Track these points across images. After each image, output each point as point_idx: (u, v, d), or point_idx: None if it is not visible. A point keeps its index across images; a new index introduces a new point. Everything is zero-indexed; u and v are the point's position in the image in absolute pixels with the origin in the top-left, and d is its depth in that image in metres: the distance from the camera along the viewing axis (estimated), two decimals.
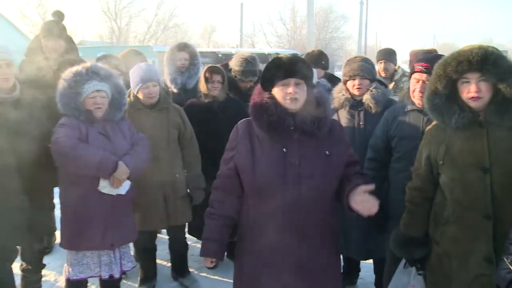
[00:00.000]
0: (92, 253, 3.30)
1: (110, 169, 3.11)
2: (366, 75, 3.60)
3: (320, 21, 40.72)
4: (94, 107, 3.19)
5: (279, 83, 2.35)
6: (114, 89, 3.31)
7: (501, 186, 2.29)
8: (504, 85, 2.26)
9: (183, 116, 3.99)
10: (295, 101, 2.33)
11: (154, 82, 3.77)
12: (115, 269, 3.34)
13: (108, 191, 3.19)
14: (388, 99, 3.64)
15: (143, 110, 3.81)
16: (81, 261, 3.29)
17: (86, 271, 3.30)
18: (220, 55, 17.42)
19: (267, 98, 2.38)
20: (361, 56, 3.80)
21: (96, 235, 3.20)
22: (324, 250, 2.43)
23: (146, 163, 3.42)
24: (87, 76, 3.18)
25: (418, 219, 2.65)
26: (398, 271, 2.91)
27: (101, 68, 3.30)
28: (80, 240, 3.21)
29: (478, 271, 2.35)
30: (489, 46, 2.34)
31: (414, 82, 3.09)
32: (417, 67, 3.07)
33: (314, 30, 22.27)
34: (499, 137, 2.31)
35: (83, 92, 3.17)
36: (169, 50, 5.17)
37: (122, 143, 3.31)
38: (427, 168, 2.56)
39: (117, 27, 41.98)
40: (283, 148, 2.34)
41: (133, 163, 3.25)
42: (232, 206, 2.49)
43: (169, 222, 3.91)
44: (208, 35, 53.03)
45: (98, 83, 3.20)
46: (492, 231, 2.32)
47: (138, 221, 3.83)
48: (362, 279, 4.25)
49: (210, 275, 4.48)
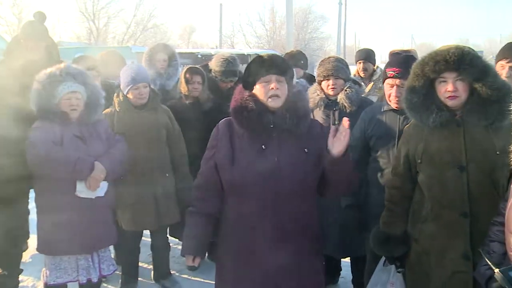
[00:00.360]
0: (69, 257, 3.25)
1: (87, 170, 3.08)
2: (340, 75, 3.63)
3: (299, 22, 40.79)
4: (69, 109, 3.15)
5: (261, 79, 2.35)
6: (89, 90, 3.27)
7: (477, 184, 2.33)
8: (480, 84, 2.30)
9: (171, 117, 4.00)
10: (277, 98, 2.34)
11: (145, 83, 3.78)
12: (93, 273, 3.29)
13: (86, 195, 3.14)
14: (362, 98, 3.69)
15: (133, 110, 3.81)
16: (58, 265, 3.24)
17: (64, 276, 3.25)
18: (200, 56, 17.31)
19: (247, 96, 2.39)
20: (335, 56, 3.84)
21: (72, 239, 3.15)
22: (305, 248, 2.43)
23: (122, 165, 3.39)
24: (61, 77, 3.14)
25: (397, 217, 2.68)
26: (377, 269, 2.93)
27: (76, 69, 3.26)
28: (57, 244, 3.17)
29: (455, 268, 2.39)
30: (466, 46, 2.39)
31: (388, 87, 3.11)
32: (389, 73, 3.09)
33: (293, 30, 22.33)
34: (475, 136, 2.35)
35: (58, 94, 3.13)
36: (147, 51, 5.14)
37: (98, 146, 3.27)
38: (406, 167, 2.59)
39: (95, 27, 41.41)
40: (262, 145, 2.34)
41: (109, 164, 3.21)
42: (213, 204, 2.49)
43: (160, 222, 3.90)
44: (187, 35, 52.74)
45: (72, 84, 3.16)
46: (469, 229, 2.36)
47: (127, 222, 3.86)
48: (343, 278, 4.27)
49: (191, 277, 4.46)
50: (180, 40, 50.55)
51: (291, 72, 2.45)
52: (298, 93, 2.48)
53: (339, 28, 32.99)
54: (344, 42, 34.20)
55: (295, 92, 2.46)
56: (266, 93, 2.34)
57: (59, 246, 3.18)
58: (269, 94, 2.33)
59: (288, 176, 2.31)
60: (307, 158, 2.37)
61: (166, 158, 3.94)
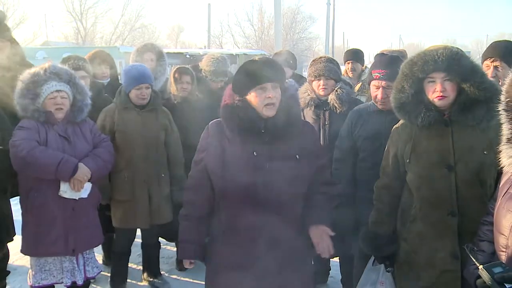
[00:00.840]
0: (54, 259, 3.22)
1: (70, 171, 3.04)
2: (331, 75, 3.64)
3: (288, 22, 40.85)
4: (54, 108, 3.13)
5: (257, 87, 2.31)
6: (75, 89, 3.24)
7: (465, 183, 2.35)
8: (468, 84, 2.31)
9: (170, 119, 4.01)
10: (272, 106, 2.31)
11: (148, 84, 3.78)
12: (78, 275, 3.26)
13: (70, 195, 3.12)
14: (352, 99, 3.69)
15: (133, 110, 3.82)
16: (43, 267, 3.22)
17: (49, 278, 3.22)
18: (188, 56, 17.30)
19: (238, 101, 2.36)
20: (326, 57, 3.83)
21: (56, 241, 3.13)
22: (295, 249, 2.44)
23: (108, 165, 3.38)
24: (45, 77, 3.11)
25: (385, 216, 2.69)
26: (367, 269, 2.94)
27: (61, 68, 3.23)
28: (41, 246, 3.14)
29: (444, 267, 2.42)
30: (454, 47, 2.40)
31: (374, 88, 3.12)
32: (375, 75, 3.10)
33: (281, 30, 22.38)
34: (463, 136, 2.37)
35: (42, 93, 3.10)
36: (134, 51, 5.09)
37: (83, 145, 3.25)
38: (394, 166, 2.60)
39: (82, 27, 41.17)
40: (254, 151, 2.32)
41: (94, 165, 3.19)
42: (204, 207, 2.48)
43: (152, 221, 3.88)
44: (175, 35, 52.57)
45: (57, 83, 3.14)
46: (457, 228, 2.38)
47: (119, 219, 3.85)
48: (332, 278, 4.28)
49: (181, 277, 4.45)
50: (168, 40, 50.41)
51: (284, 75, 2.43)
52: (291, 98, 2.45)
53: (328, 28, 33.07)
54: (332, 42, 34.34)
55: (287, 96, 2.43)
56: (261, 101, 2.30)
57: (43, 248, 3.15)
58: (265, 103, 2.30)
59: (279, 182, 2.30)
60: (299, 164, 2.36)
61: (163, 159, 3.94)
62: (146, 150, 3.79)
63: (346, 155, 3.30)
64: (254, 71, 2.32)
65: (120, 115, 3.79)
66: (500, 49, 3.20)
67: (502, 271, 1.80)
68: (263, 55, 17.29)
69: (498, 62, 3.14)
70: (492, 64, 3.17)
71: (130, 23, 43.01)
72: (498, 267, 1.82)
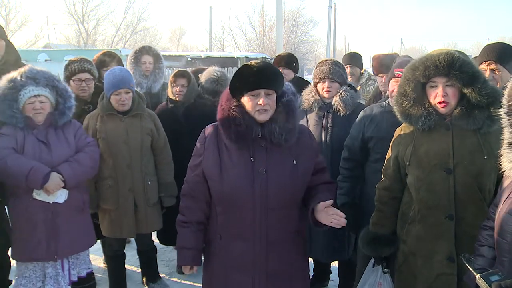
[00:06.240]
0: (35, 265, 3.18)
1: (39, 180, 2.98)
2: (336, 78, 3.63)
3: (289, 25, 40.85)
4: (33, 113, 3.08)
5: (249, 93, 2.30)
6: (55, 92, 3.18)
7: (464, 187, 2.36)
8: (470, 90, 2.32)
9: (157, 123, 3.90)
10: (265, 112, 2.31)
11: (127, 88, 3.63)
12: (62, 281, 3.21)
13: (44, 198, 3.07)
14: (356, 103, 3.69)
15: (116, 116, 3.70)
16: (24, 273, 3.18)
17: (28, 285, 3.17)
18: (189, 59, 17.31)
19: (234, 107, 2.34)
20: (332, 59, 3.82)
21: (38, 246, 3.09)
22: (292, 256, 2.45)
23: (90, 170, 3.31)
24: (22, 82, 3.07)
25: (385, 218, 2.70)
26: (367, 270, 2.95)
27: (38, 72, 3.15)
28: (24, 251, 3.11)
29: (441, 270, 2.43)
30: (456, 51, 2.40)
31: (393, 84, 3.14)
32: (397, 73, 3.13)
33: (283, 34, 22.39)
34: (464, 140, 2.38)
35: (20, 99, 3.06)
36: (132, 54, 5.07)
37: (63, 150, 3.18)
38: (395, 168, 2.62)
39: (84, 30, 41.26)
40: (251, 157, 2.32)
41: (71, 171, 3.12)
42: (201, 212, 2.47)
43: (138, 230, 3.81)
44: (177, 38, 52.72)
45: (35, 88, 3.08)
46: (454, 231, 2.39)
47: (105, 228, 3.79)
48: (333, 281, 4.28)
49: (180, 280, 4.46)
50: (169, 43, 50.56)
51: (281, 82, 2.39)
52: (287, 104, 2.40)
53: (329, 31, 33.15)
54: (334, 46, 34.39)
55: (284, 102, 2.39)
56: (253, 106, 2.30)
57: (26, 253, 3.11)
58: (256, 108, 2.30)
59: (277, 187, 2.30)
60: (296, 168, 2.36)
61: (149, 165, 3.84)
62: (129, 157, 3.69)
63: (355, 155, 3.30)
64: (248, 76, 2.31)
65: (102, 122, 3.68)
66: (494, 52, 3.19)
67: (498, 279, 1.82)
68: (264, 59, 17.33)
69: (494, 65, 3.13)
70: (488, 68, 3.16)
71: (132, 26, 43.10)
72: (495, 276, 1.84)
